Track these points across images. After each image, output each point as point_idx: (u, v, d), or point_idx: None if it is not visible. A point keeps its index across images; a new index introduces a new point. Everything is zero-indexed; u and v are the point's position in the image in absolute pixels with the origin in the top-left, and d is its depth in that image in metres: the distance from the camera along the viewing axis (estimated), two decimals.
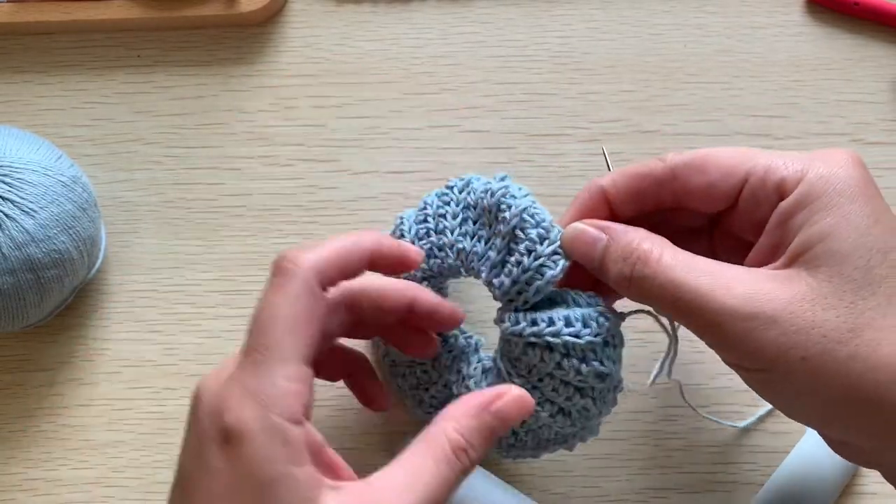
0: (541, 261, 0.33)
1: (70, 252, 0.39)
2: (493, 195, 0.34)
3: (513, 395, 0.30)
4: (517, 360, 0.34)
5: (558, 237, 0.33)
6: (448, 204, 0.36)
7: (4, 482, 0.42)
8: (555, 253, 0.33)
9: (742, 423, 0.41)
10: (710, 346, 0.30)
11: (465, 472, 0.29)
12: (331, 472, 0.27)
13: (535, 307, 0.34)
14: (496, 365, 0.36)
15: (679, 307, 0.29)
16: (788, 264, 0.29)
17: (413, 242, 0.36)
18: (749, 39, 0.47)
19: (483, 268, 0.35)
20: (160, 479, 0.41)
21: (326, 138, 0.46)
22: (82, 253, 0.40)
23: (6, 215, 0.37)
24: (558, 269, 0.33)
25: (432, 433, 0.29)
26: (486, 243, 0.35)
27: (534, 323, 0.33)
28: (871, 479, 0.40)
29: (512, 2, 0.48)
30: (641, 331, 0.42)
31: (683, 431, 0.41)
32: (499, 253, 0.34)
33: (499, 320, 0.35)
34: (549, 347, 0.33)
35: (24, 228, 0.38)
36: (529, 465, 0.41)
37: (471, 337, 0.38)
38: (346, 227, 0.45)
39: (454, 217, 0.36)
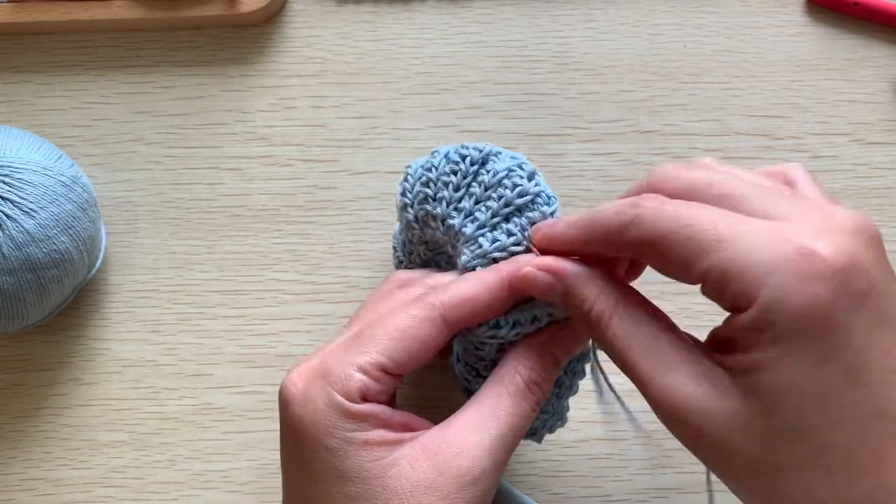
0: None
1: (70, 252, 0.39)
2: (521, 196, 0.32)
3: (566, 329, 0.31)
4: (484, 361, 0.32)
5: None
6: (455, 174, 0.33)
7: (4, 482, 0.42)
8: None
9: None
10: None
11: (538, 405, 0.30)
12: (407, 430, 0.30)
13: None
14: (460, 372, 0.33)
15: (627, 373, 0.29)
16: (732, 374, 0.26)
17: (412, 204, 0.34)
18: (749, 39, 0.47)
19: (465, 223, 0.32)
20: (160, 479, 0.42)
21: (326, 138, 0.46)
22: (82, 253, 0.40)
23: (6, 215, 0.37)
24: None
25: (502, 373, 0.30)
26: (478, 212, 0.32)
27: (516, 325, 0.31)
28: None
29: (512, 2, 0.48)
30: None
31: None
32: (493, 217, 0.32)
33: None
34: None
35: (24, 228, 0.38)
36: (529, 465, 0.41)
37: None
38: (346, 227, 0.45)
39: (456, 190, 0.33)
